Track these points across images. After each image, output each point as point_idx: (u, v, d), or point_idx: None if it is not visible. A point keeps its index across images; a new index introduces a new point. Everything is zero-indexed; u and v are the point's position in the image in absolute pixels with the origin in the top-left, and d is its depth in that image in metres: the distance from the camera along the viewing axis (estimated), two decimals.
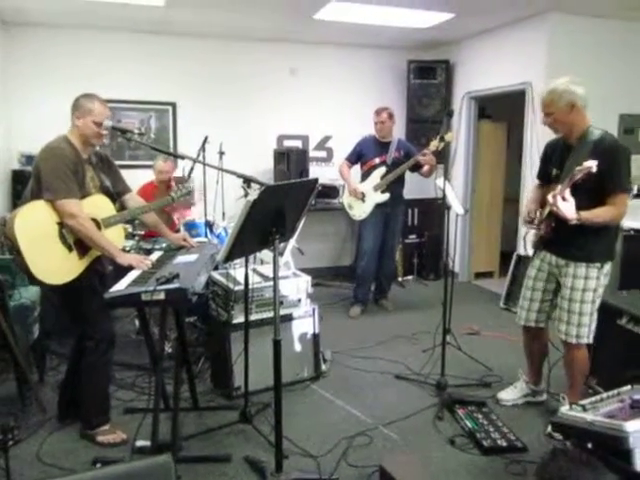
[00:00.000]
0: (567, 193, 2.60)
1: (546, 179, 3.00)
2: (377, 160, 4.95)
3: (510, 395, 3.34)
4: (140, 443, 2.69)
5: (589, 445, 2.15)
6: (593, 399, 2.33)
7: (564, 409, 2.35)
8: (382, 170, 4.92)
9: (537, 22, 5.12)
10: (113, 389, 3.35)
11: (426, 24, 5.40)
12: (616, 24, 5.17)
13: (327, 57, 6.40)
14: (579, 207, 2.63)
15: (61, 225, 2.61)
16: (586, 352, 2.96)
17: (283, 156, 5.94)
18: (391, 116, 4.96)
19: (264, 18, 5.26)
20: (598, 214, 2.66)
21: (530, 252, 3.17)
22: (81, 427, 2.92)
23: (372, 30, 5.62)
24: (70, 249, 2.63)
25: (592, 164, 2.50)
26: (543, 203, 2.90)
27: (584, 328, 2.84)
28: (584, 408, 2.25)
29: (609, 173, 2.62)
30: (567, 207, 2.60)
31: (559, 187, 2.66)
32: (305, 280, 3.68)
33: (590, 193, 2.65)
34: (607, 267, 2.84)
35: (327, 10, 4.90)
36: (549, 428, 2.87)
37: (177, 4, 4.72)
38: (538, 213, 2.93)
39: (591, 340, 2.88)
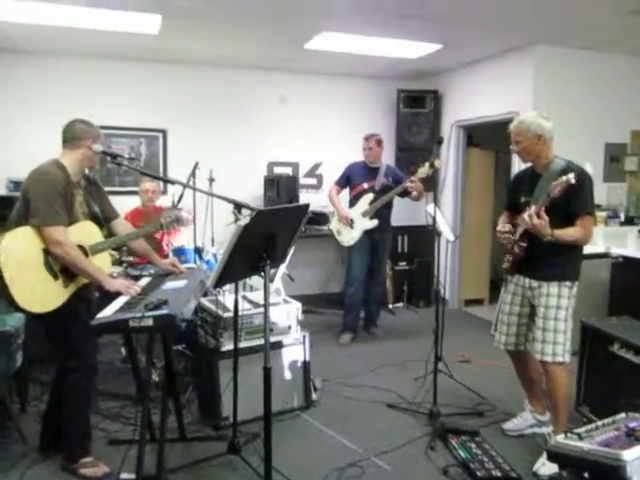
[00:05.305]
0: (542, 212, 2.74)
1: (514, 209, 3.14)
2: (365, 185, 4.97)
3: (515, 425, 3.29)
4: (124, 476, 2.60)
5: (586, 475, 2.11)
6: (588, 427, 2.29)
7: (559, 438, 2.30)
8: (370, 196, 4.93)
9: (524, 53, 5.23)
10: (97, 419, 3.26)
11: (415, 55, 5.50)
12: (600, 56, 5.30)
13: (317, 86, 6.48)
14: None
15: (47, 252, 2.56)
16: (567, 373, 2.97)
17: (273, 183, 5.94)
18: (380, 142, 4.98)
19: (256, 48, 5.32)
20: (569, 233, 2.82)
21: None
22: (62, 459, 2.82)
23: (362, 60, 5.70)
24: (55, 277, 2.57)
25: (570, 176, 2.62)
26: (513, 227, 3.04)
27: (559, 346, 2.90)
28: (580, 436, 2.20)
29: (576, 197, 2.78)
30: (542, 224, 2.73)
31: (533, 207, 2.78)
32: (295, 307, 3.64)
33: (556, 217, 2.77)
34: (575, 288, 2.97)
35: (318, 40, 4.97)
36: (536, 466, 2.84)
37: (170, 33, 4.77)
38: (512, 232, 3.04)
39: (567, 359, 2.92)
